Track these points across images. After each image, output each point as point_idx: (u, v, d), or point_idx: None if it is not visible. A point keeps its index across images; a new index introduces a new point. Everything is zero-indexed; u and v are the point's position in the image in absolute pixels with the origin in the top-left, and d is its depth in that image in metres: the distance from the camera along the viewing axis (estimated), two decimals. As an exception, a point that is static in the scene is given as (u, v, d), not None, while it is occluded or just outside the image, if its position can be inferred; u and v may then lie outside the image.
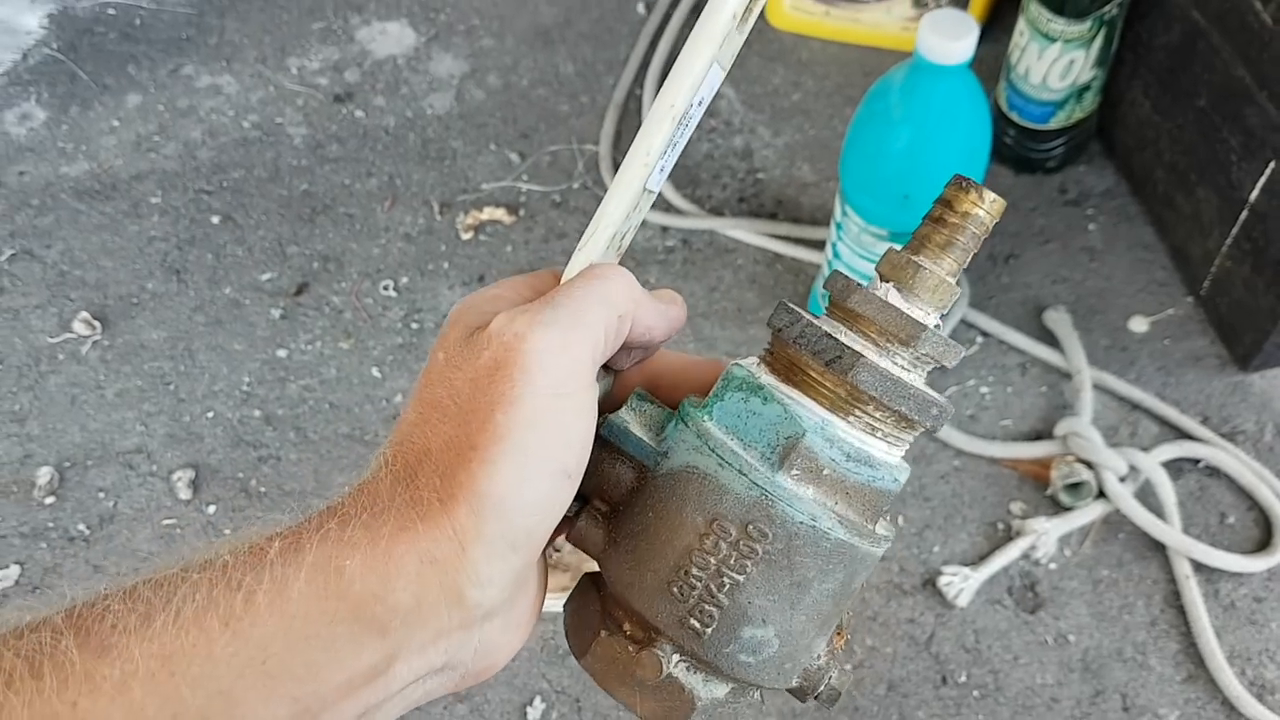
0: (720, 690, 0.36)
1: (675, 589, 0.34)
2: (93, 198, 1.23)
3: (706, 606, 0.34)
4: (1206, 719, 0.89)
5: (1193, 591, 0.93)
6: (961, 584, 0.94)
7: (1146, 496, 0.97)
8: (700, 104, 0.35)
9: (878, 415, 0.35)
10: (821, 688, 0.37)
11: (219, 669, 0.27)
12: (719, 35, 0.34)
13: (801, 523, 0.33)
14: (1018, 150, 1.17)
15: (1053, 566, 0.96)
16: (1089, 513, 0.97)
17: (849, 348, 0.34)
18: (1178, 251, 1.12)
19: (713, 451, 0.34)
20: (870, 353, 0.35)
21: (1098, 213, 1.16)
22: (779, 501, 0.33)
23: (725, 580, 0.33)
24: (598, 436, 0.35)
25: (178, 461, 1.04)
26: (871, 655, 0.93)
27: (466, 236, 1.18)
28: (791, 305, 0.36)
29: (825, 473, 0.34)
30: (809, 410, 0.35)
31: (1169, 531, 0.94)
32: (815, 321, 0.36)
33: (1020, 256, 1.13)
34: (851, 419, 0.35)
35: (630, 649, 0.35)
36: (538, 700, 0.92)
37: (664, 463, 0.35)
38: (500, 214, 1.19)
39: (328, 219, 1.20)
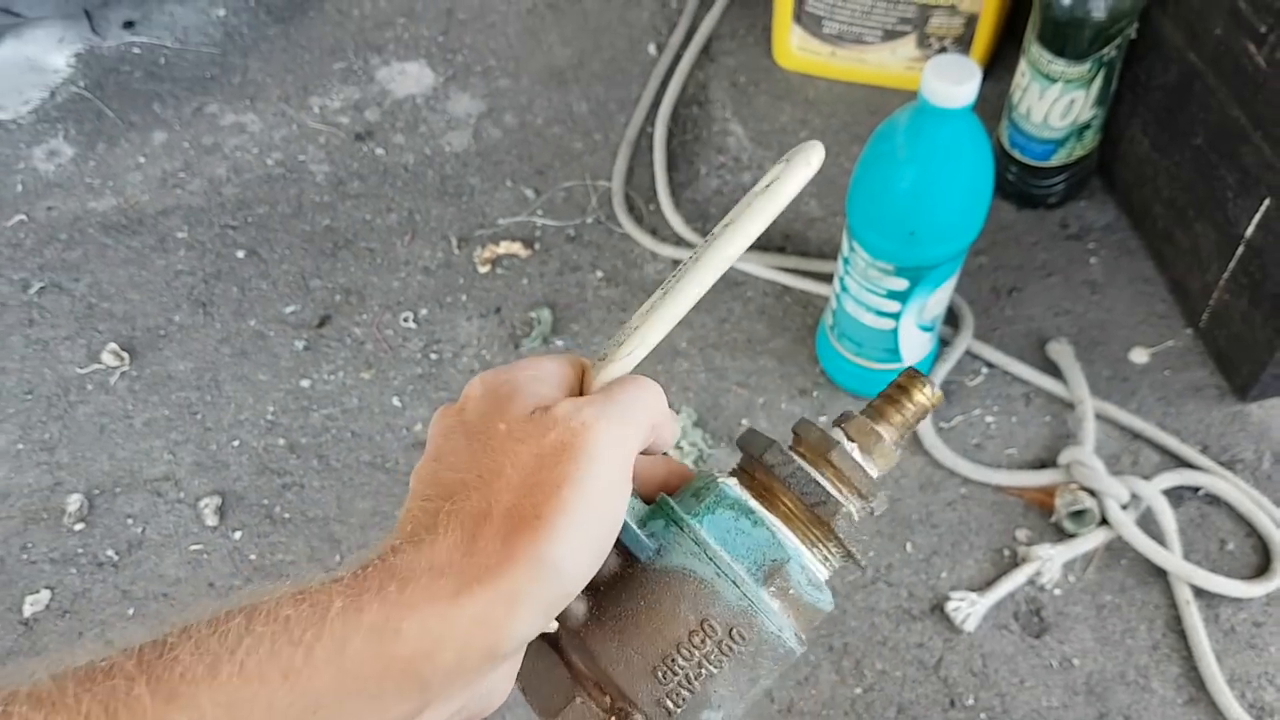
0: None
1: (659, 674, 0.38)
2: (120, 232, 1.26)
3: (682, 691, 0.38)
4: (1208, 741, 0.91)
5: (1193, 616, 0.95)
6: (969, 609, 0.97)
7: (1148, 523, 1.00)
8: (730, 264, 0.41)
9: (834, 551, 0.42)
10: None
11: (277, 716, 0.29)
12: (776, 211, 0.39)
13: (772, 632, 0.39)
14: (1020, 186, 1.20)
15: (1057, 592, 0.98)
16: (1092, 539, 0.99)
17: (833, 497, 0.41)
18: (1177, 285, 1.15)
19: (710, 560, 0.39)
20: (841, 503, 0.41)
21: (1099, 247, 1.19)
22: (760, 613, 0.39)
23: (703, 671, 0.38)
24: None
25: (204, 489, 1.07)
26: (881, 679, 0.95)
27: (484, 270, 1.22)
28: (777, 444, 0.42)
29: (791, 593, 0.40)
30: (788, 539, 0.41)
31: (1170, 558, 0.97)
32: (804, 467, 0.41)
33: (1023, 290, 1.16)
34: (815, 550, 0.42)
35: (604, 717, 0.39)
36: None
37: (658, 559, 0.40)
38: (516, 248, 1.22)
39: (349, 253, 1.24)
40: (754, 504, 0.42)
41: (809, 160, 0.39)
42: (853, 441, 0.43)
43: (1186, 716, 0.92)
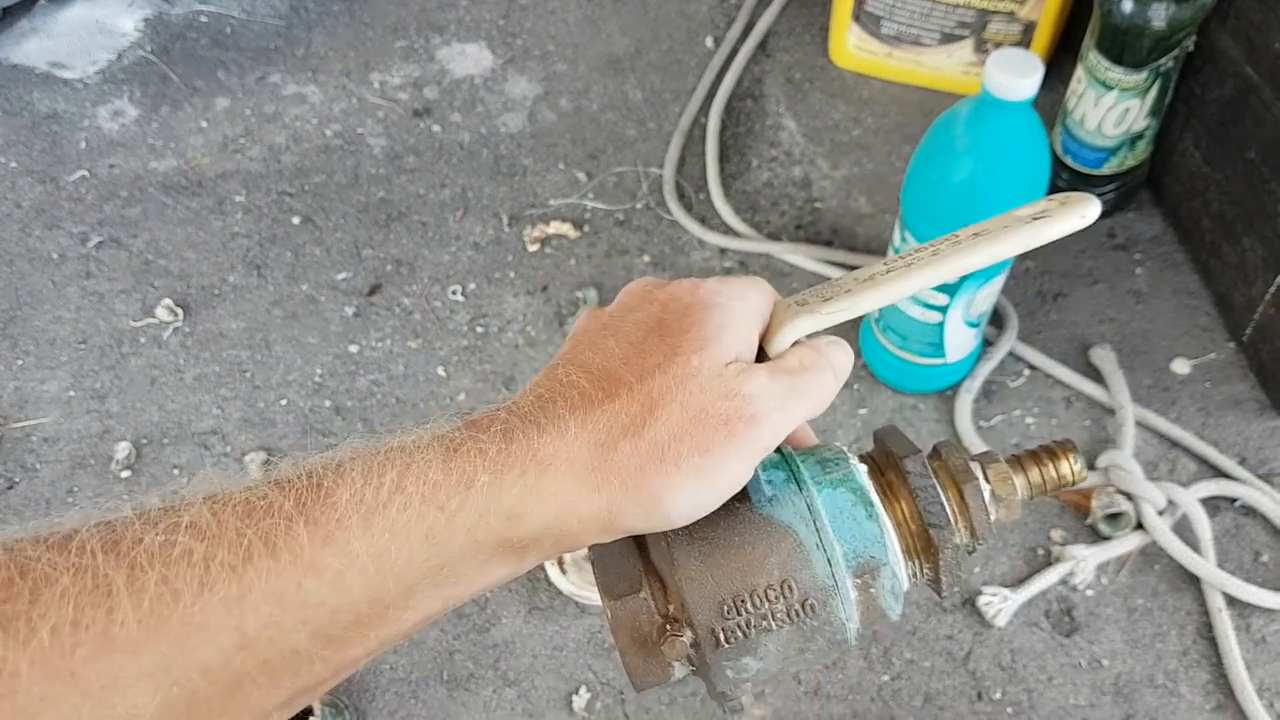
0: (681, 674, 0.42)
1: (725, 607, 0.39)
2: (179, 193, 1.29)
3: (737, 631, 0.39)
4: (1235, 747, 0.91)
5: (1225, 624, 0.95)
6: (1000, 605, 0.97)
7: (1183, 530, 1.00)
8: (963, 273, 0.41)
9: (926, 571, 0.42)
10: (734, 701, 0.43)
11: (413, 570, 0.32)
12: (1031, 244, 0.39)
13: (840, 619, 0.40)
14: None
15: (1090, 593, 0.99)
16: (1127, 543, 1.00)
17: (950, 524, 0.42)
18: (1221, 299, 1.15)
19: (815, 530, 0.40)
20: (954, 533, 0.42)
21: (1145, 258, 1.20)
22: (839, 597, 0.40)
23: (764, 624, 0.40)
24: None
25: (250, 444, 1.09)
26: (909, 668, 0.96)
27: (533, 248, 1.23)
28: (921, 455, 0.43)
29: (872, 592, 0.41)
30: (893, 544, 0.41)
31: (1204, 565, 0.97)
32: (936, 486, 0.42)
33: (1069, 296, 1.17)
34: (911, 564, 0.42)
35: (659, 620, 0.40)
36: (583, 690, 0.95)
37: (768, 507, 0.41)
38: (566, 229, 1.24)
39: (402, 225, 1.26)
40: (875, 498, 0.42)
41: (1084, 213, 0.39)
42: (989, 484, 0.44)
43: (1213, 722, 0.93)
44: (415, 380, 1.14)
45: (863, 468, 0.43)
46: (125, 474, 1.08)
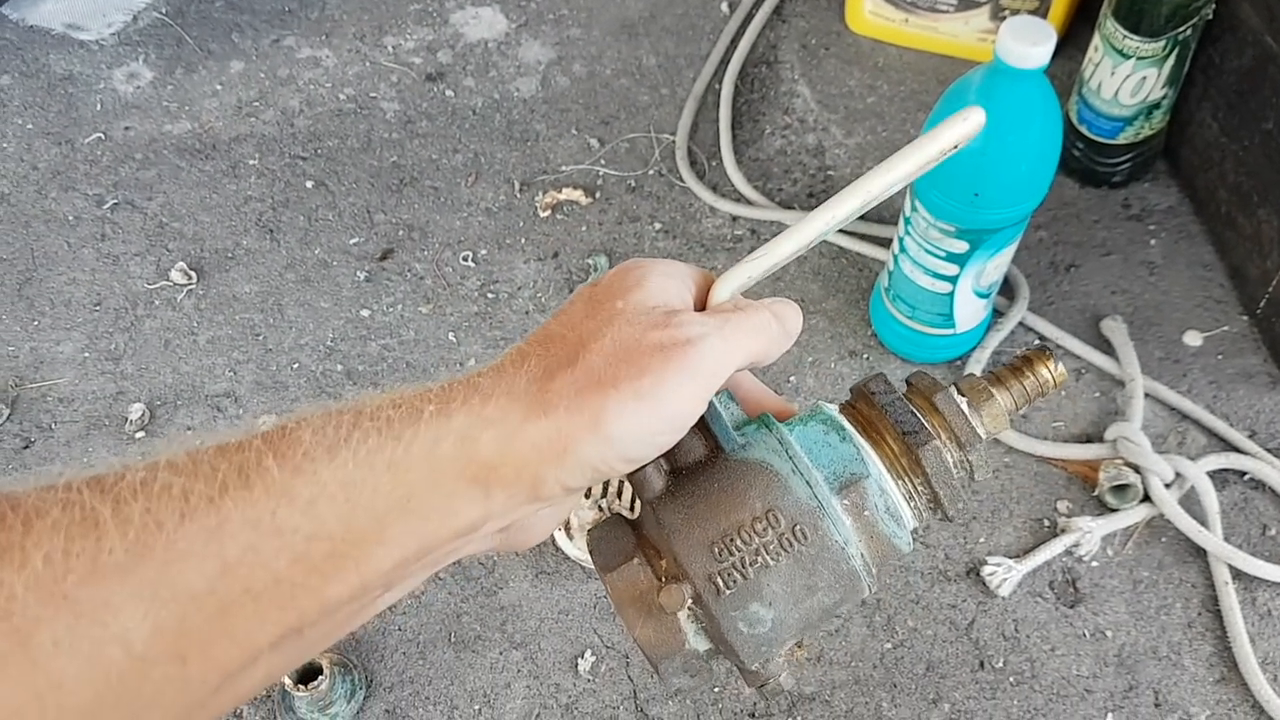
0: (702, 646, 0.41)
1: (716, 549, 0.39)
2: (193, 156, 1.29)
3: (734, 573, 0.39)
4: None
5: (1230, 598, 0.95)
6: (1005, 574, 0.97)
7: (1190, 504, 1.00)
8: (872, 204, 0.41)
9: (920, 488, 0.42)
10: (771, 681, 0.42)
11: (380, 501, 0.33)
12: (928, 157, 0.39)
13: (836, 541, 0.40)
14: (1085, 163, 1.20)
15: (1095, 564, 0.99)
16: (1133, 515, 1.00)
17: (925, 428, 0.41)
18: (1236, 271, 1.14)
19: (789, 458, 0.40)
20: (933, 437, 0.42)
21: (1159, 229, 1.19)
22: (827, 518, 0.39)
23: (759, 560, 0.39)
24: None
25: (263, 407, 1.10)
26: (912, 636, 0.97)
27: (544, 214, 1.23)
28: (889, 380, 0.43)
29: (865, 514, 0.40)
30: (873, 460, 0.41)
31: (1210, 538, 0.97)
32: (904, 399, 0.42)
33: (1081, 266, 1.16)
34: (900, 483, 0.42)
35: (657, 583, 0.40)
36: (588, 653, 0.96)
37: (741, 452, 0.41)
38: (578, 195, 1.24)
39: (414, 190, 1.26)
40: (847, 424, 0.42)
41: (967, 116, 0.39)
42: (963, 396, 0.44)
43: (1216, 695, 0.93)
44: (426, 345, 1.14)
45: (833, 406, 0.44)
46: (140, 435, 1.09)
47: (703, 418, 0.42)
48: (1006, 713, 0.93)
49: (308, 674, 0.90)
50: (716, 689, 0.93)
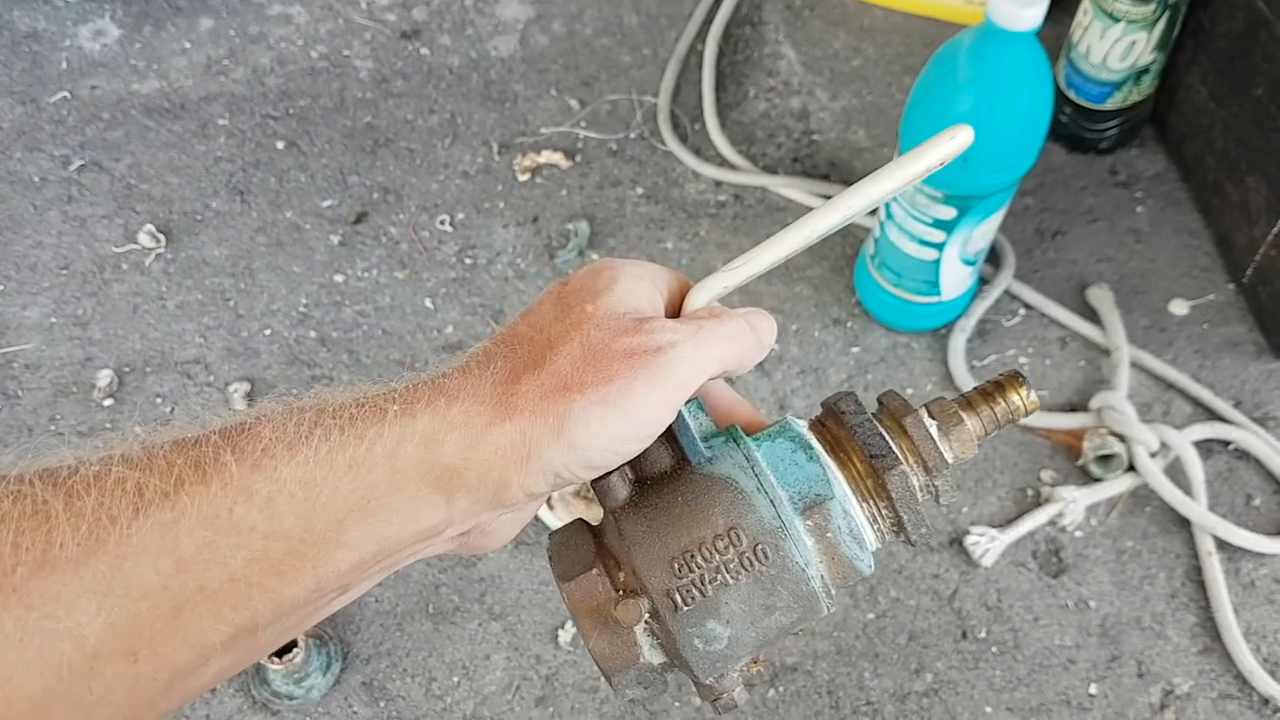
0: (657, 660, 0.41)
1: (676, 565, 0.39)
2: (162, 115, 1.26)
3: (693, 590, 0.39)
4: (1219, 690, 0.91)
5: (1214, 568, 0.95)
6: (988, 544, 0.97)
7: (1175, 473, 0.99)
8: (853, 218, 0.40)
9: (884, 512, 0.41)
10: (725, 696, 0.42)
11: (339, 501, 0.32)
12: (912, 176, 0.39)
13: (797, 563, 0.39)
14: (1072, 129, 1.18)
15: (1078, 534, 0.98)
16: (1118, 485, 0.99)
17: (893, 452, 0.41)
18: (1222, 239, 1.13)
19: (755, 475, 0.40)
20: (900, 461, 0.41)
21: (1146, 196, 1.18)
22: (789, 538, 0.39)
23: (719, 577, 0.39)
24: None
25: (234, 374, 1.08)
26: (895, 606, 0.96)
27: (523, 178, 1.21)
28: (854, 395, 0.43)
29: (828, 535, 0.40)
30: (838, 482, 0.41)
31: (1195, 508, 0.97)
32: (874, 420, 0.42)
33: (1067, 234, 1.15)
34: (865, 505, 0.41)
35: (615, 595, 0.40)
36: (569, 624, 0.95)
37: (707, 466, 0.41)
38: (557, 158, 1.22)
39: (389, 152, 1.23)
40: (815, 443, 0.42)
41: (954, 136, 0.39)
42: (933, 419, 0.43)
43: (1199, 665, 0.92)
44: (402, 312, 1.12)
45: (802, 422, 0.43)
46: (108, 402, 1.07)
47: (670, 427, 0.41)
48: (989, 682, 0.92)
49: (282, 646, 0.89)
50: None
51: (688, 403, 0.43)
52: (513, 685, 0.93)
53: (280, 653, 0.88)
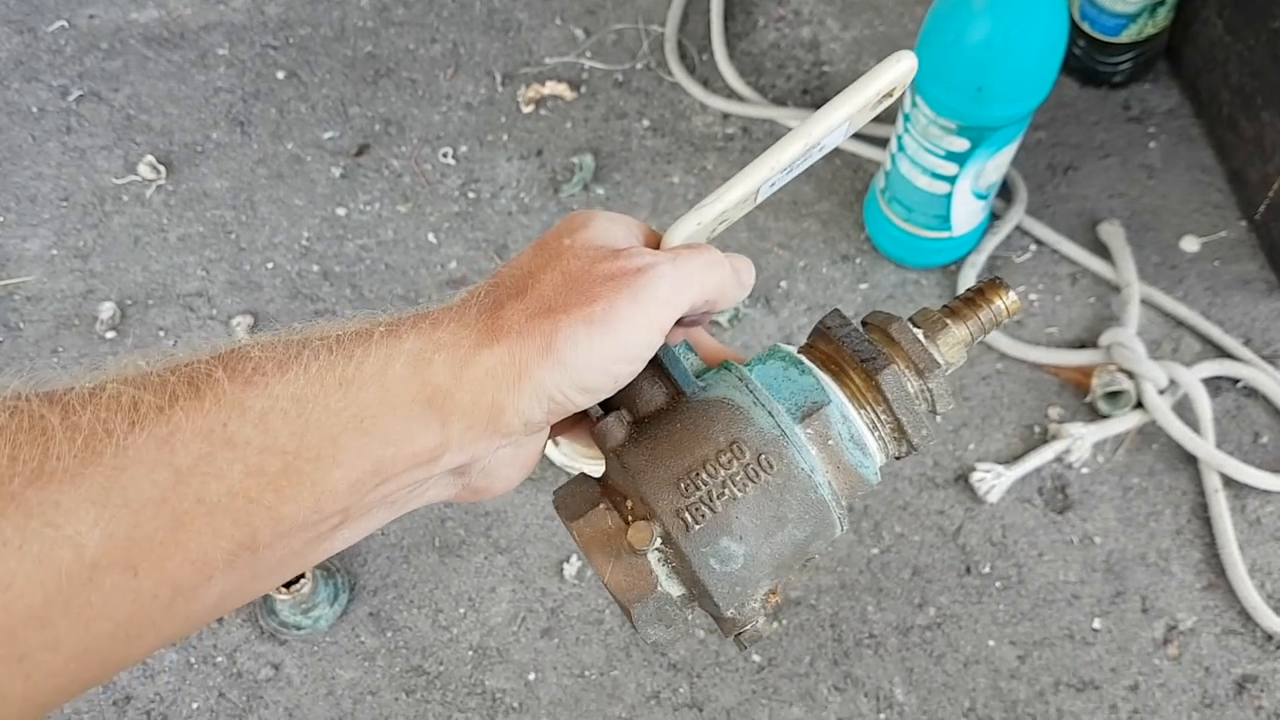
0: (675, 590, 0.40)
1: (682, 485, 0.39)
2: (161, 45, 1.24)
3: (702, 508, 0.38)
4: (1223, 625, 0.92)
5: (1220, 505, 0.95)
6: (994, 481, 0.96)
7: (1183, 410, 0.99)
8: (821, 148, 0.41)
9: (883, 417, 0.41)
10: (748, 627, 0.42)
11: (332, 418, 0.32)
12: (864, 101, 0.39)
13: (802, 469, 0.39)
14: (1086, 62, 1.16)
15: (1085, 471, 0.98)
16: (1125, 421, 0.98)
17: (883, 354, 0.41)
18: (1236, 175, 1.12)
19: (750, 392, 0.40)
20: (890, 363, 0.41)
21: (1159, 131, 1.16)
22: (791, 446, 0.39)
23: (726, 492, 0.39)
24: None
25: (237, 307, 1.07)
26: (899, 542, 0.96)
27: (527, 110, 1.19)
28: (843, 314, 0.43)
29: (830, 443, 0.40)
30: (832, 389, 0.41)
31: (1202, 445, 0.96)
32: (855, 327, 0.43)
33: (1079, 169, 1.13)
34: (862, 411, 0.41)
35: (624, 522, 0.40)
36: (574, 558, 0.95)
37: (702, 393, 0.41)
38: (562, 89, 1.20)
39: (390, 82, 1.21)
40: (805, 359, 0.42)
41: (900, 59, 0.40)
42: (919, 327, 0.43)
43: (1203, 601, 0.93)
44: (405, 246, 1.11)
45: (792, 347, 0.44)
46: (110, 335, 1.06)
47: (663, 365, 0.42)
48: (992, 616, 0.93)
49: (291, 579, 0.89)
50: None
51: (677, 345, 0.44)
52: (518, 617, 0.93)
53: (288, 584, 0.89)
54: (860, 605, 0.93)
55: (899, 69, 0.39)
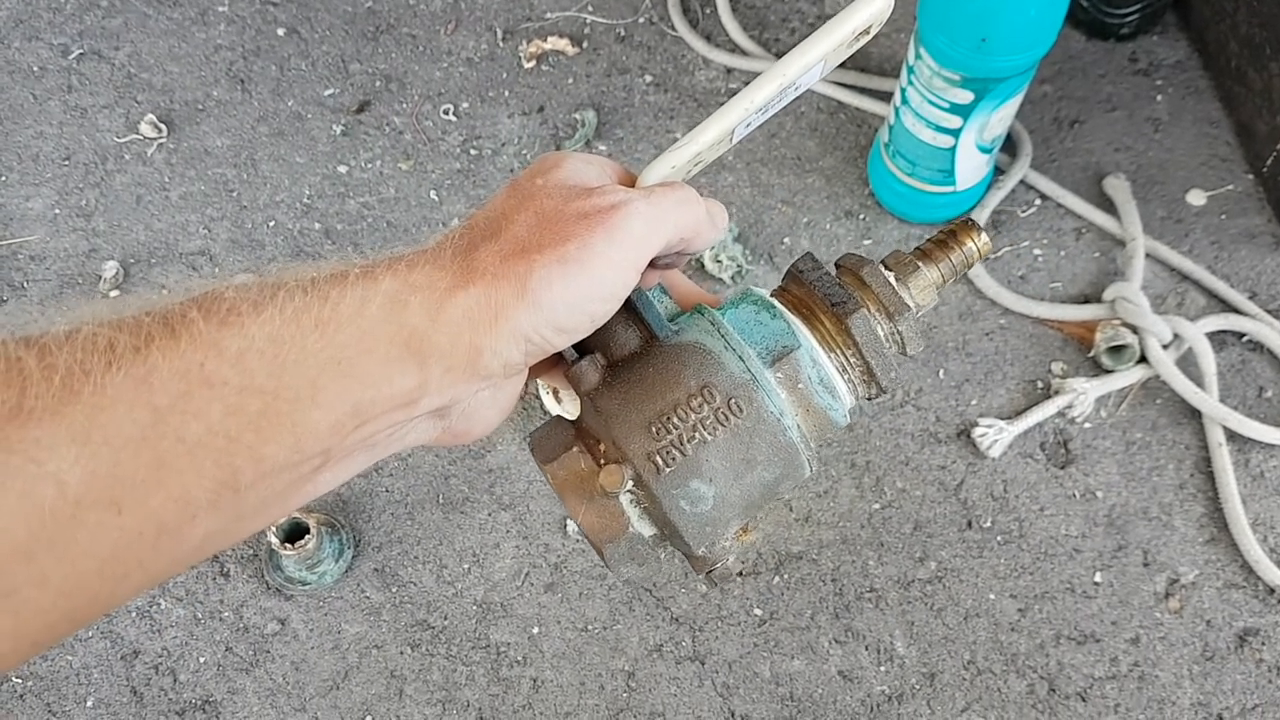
0: (647, 530, 0.41)
1: (654, 428, 0.39)
2: (160, 2, 1.23)
3: (673, 450, 0.39)
4: (1225, 579, 0.92)
5: (1224, 459, 0.95)
6: (996, 436, 0.96)
7: (1187, 365, 0.98)
8: (796, 88, 0.41)
9: (852, 360, 0.42)
10: (718, 564, 0.42)
11: (309, 359, 0.32)
12: (839, 39, 0.39)
13: (772, 412, 0.40)
14: (1093, 14, 1.15)
15: (1087, 425, 0.98)
16: (1129, 376, 0.98)
17: (853, 298, 0.42)
18: (1243, 128, 1.11)
19: (721, 336, 0.41)
20: (859, 306, 0.42)
21: (1166, 84, 1.15)
22: (761, 389, 0.40)
23: (696, 435, 0.39)
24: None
25: (239, 266, 1.07)
26: (901, 497, 0.96)
27: (528, 65, 1.18)
28: (815, 258, 0.44)
29: (799, 387, 0.41)
30: (803, 333, 0.42)
31: (1206, 399, 0.96)
32: (825, 271, 0.43)
33: (1085, 122, 1.12)
34: (832, 355, 0.42)
35: (596, 465, 0.41)
36: (578, 514, 0.95)
37: (675, 338, 0.41)
38: (564, 45, 1.19)
39: (391, 39, 1.20)
40: (777, 303, 0.43)
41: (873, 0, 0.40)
42: (889, 270, 0.44)
43: (1205, 555, 0.93)
44: (407, 204, 1.11)
45: (764, 290, 0.44)
46: (114, 294, 1.06)
47: (636, 309, 0.42)
48: (993, 570, 0.93)
49: (295, 533, 0.90)
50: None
51: (651, 289, 0.44)
52: (522, 572, 0.94)
53: (293, 539, 0.89)
54: (861, 559, 0.94)
55: (874, 7, 0.39)
